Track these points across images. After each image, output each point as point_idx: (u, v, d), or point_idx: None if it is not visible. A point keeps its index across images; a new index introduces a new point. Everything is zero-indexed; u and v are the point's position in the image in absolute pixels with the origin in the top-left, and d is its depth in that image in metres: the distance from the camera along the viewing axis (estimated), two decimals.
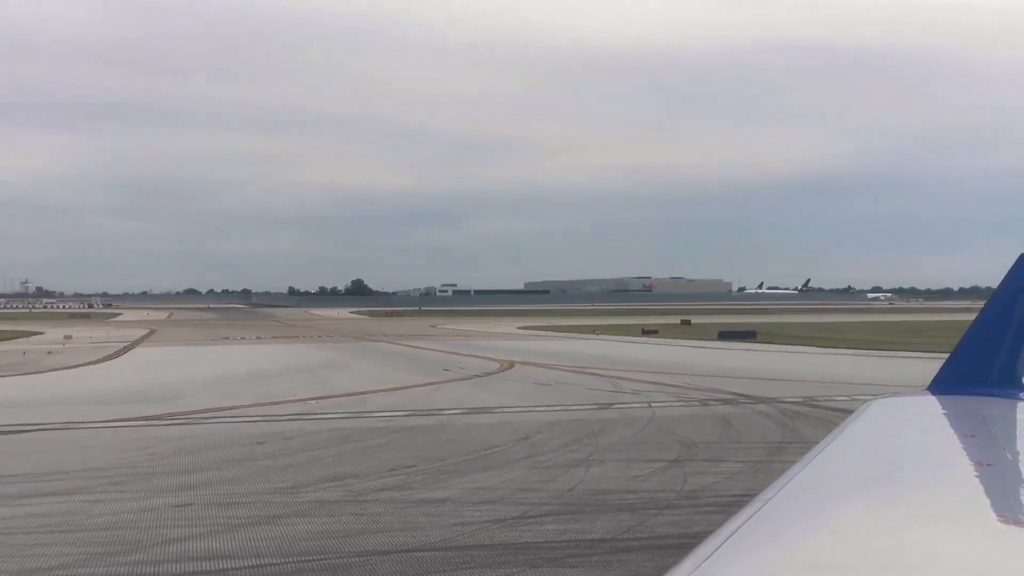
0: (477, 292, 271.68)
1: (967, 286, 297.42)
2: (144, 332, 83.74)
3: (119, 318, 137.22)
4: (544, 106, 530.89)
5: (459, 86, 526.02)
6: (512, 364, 40.22)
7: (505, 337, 72.90)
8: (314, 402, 26.17)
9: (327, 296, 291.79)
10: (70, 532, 11.48)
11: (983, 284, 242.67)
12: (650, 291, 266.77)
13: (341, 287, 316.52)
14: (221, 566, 9.90)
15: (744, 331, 73.69)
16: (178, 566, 9.97)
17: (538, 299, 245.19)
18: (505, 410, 23.96)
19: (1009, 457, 4.19)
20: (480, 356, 46.24)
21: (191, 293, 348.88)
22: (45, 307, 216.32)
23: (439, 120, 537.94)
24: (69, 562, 10.13)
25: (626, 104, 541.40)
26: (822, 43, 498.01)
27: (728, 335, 71.07)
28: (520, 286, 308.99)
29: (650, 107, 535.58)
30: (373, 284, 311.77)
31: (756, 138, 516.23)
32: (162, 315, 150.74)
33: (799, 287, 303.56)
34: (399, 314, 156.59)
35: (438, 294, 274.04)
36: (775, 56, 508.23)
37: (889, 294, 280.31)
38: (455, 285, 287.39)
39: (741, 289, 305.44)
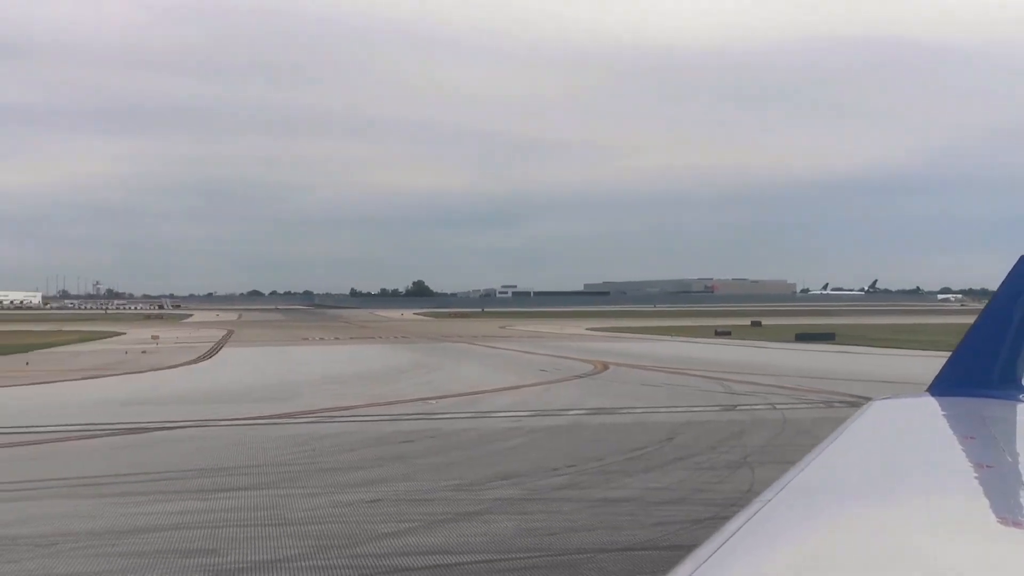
0: (537, 293, 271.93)
1: None
2: (223, 333, 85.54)
3: (191, 319, 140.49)
4: (604, 107, 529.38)
5: (519, 88, 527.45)
6: (605, 365, 40.20)
7: (579, 338, 72.86)
8: (433, 402, 26.52)
9: (388, 297, 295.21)
10: (282, 525, 11.84)
11: None
12: (712, 292, 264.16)
13: (402, 288, 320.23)
14: (453, 560, 10.13)
15: (822, 333, 72.51)
16: (411, 560, 10.24)
17: (598, 300, 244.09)
18: (630, 411, 24.00)
19: (1009, 459, 4.16)
20: (567, 357, 46.31)
21: (254, 295, 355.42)
22: (118, 308, 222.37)
23: (499, 122, 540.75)
24: (300, 554, 10.47)
25: (688, 104, 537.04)
26: (886, 40, 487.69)
27: (805, 337, 70.05)
28: (579, 287, 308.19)
29: (712, 107, 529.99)
30: (433, 285, 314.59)
31: (821, 137, 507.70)
32: (232, 316, 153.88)
33: (865, 288, 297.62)
34: (463, 315, 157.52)
35: (498, 295, 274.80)
36: (837, 53, 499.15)
37: (959, 295, 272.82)
38: (515, 286, 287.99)
39: (805, 290, 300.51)
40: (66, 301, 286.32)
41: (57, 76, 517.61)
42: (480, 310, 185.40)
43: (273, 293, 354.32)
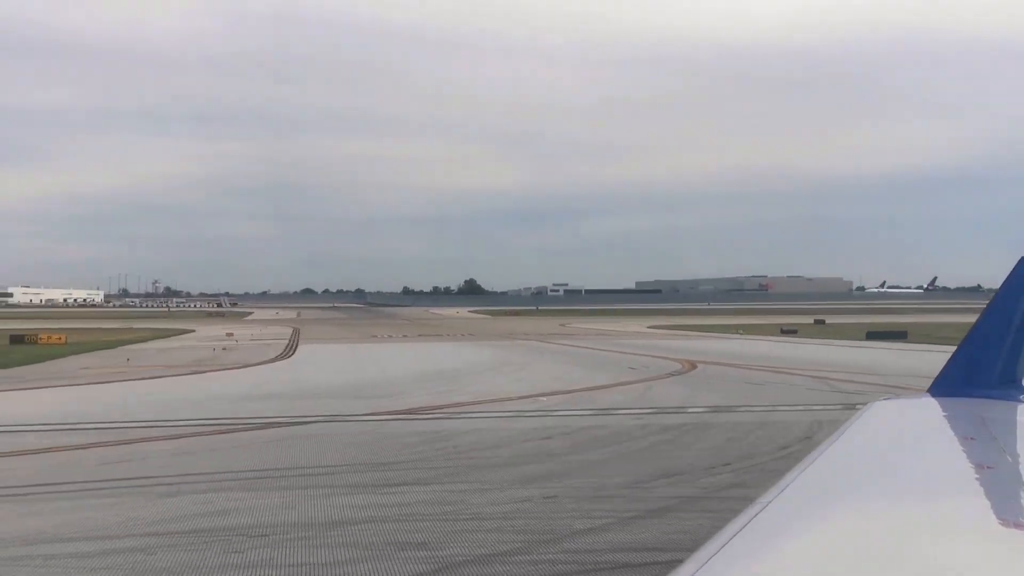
0: (588, 291, 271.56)
1: None
2: (291, 330, 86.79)
3: (252, 317, 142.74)
4: (655, 105, 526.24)
5: (568, 87, 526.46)
6: (692, 364, 40.00)
7: (645, 336, 72.56)
8: (544, 399, 26.67)
9: (440, 295, 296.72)
10: (477, 520, 12.02)
11: None
12: (766, 290, 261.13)
13: (454, 286, 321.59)
14: (668, 558, 10.23)
15: (895, 331, 71.31)
16: (627, 556, 10.36)
17: (650, 299, 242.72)
18: (748, 409, 23.84)
19: (1009, 459, 4.15)
20: (646, 355, 46.21)
21: (308, 293, 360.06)
22: (178, 306, 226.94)
23: (550, 121, 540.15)
24: (513, 549, 10.64)
25: (740, 100, 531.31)
26: (944, 34, 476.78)
27: (877, 335, 68.94)
28: (631, 285, 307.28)
29: (765, 103, 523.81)
30: (484, 283, 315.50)
31: (879, 132, 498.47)
32: (292, 314, 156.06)
33: (925, 286, 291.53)
34: (518, 313, 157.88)
35: (549, 293, 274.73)
36: (894, 49, 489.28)
37: None
38: (566, 284, 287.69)
39: (860, 288, 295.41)
40: (127, 299, 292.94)
41: (120, 79, 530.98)
42: (534, 308, 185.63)
43: (326, 291, 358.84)
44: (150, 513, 12.53)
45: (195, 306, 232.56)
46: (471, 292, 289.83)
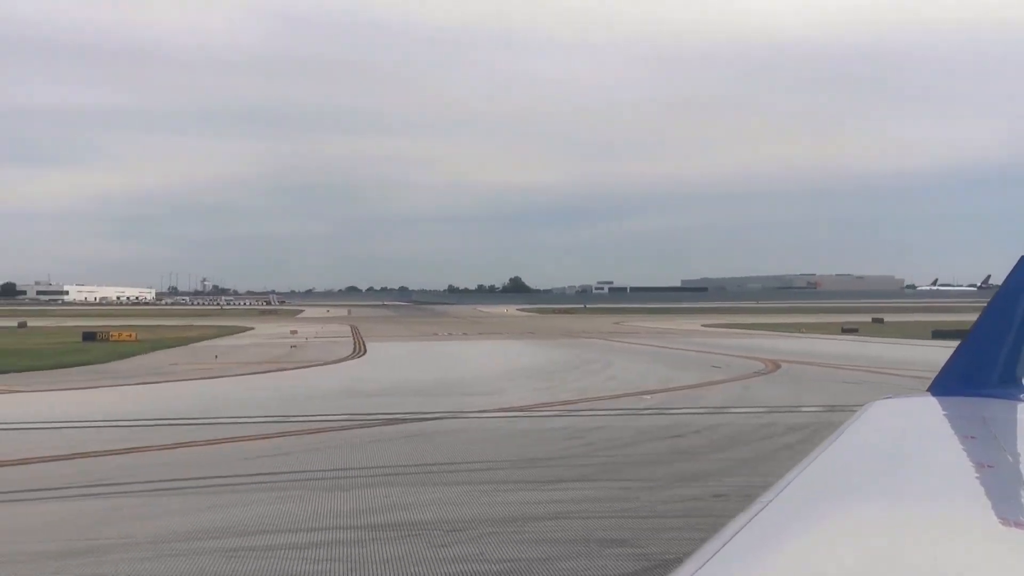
0: (633, 289, 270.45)
1: None
2: (349, 328, 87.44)
3: (304, 315, 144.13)
4: (700, 100, 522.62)
5: (612, 84, 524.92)
6: (775, 363, 39.62)
7: (707, 334, 72.06)
8: (648, 398, 26.66)
9: (485, 293, 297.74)
10: (657, 518, 12.10)
11: None
12: (815, 288, 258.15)
13: (498, 284, 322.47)
14: None
15: (962, 330, 70.04)
16: None
17: (696, 297, 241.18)
18: None
19: (1010, 459, 4.12)
20: (724, 354, 45.84)
21: (352, 291, 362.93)
22: (229, 304, 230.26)
23: (594, 118, 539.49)
24: None
25: (788, 95, 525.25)
26: (996, 27, 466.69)
27: (944, 334, 67.72)
28: (676, 283, 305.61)
29: (813, 97, 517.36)
30: (528, 281, 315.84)
31: (928, 127, 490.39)
32: (342, 312, 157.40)
33: (979, 284, 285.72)
34: (567, 311, 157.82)
35: (594, 291, 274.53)
36: (944, 43, 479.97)
37: None
38: (611, 282, 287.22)
39: (911, 286, 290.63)
40: (177, 297, 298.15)
41: (170, 82, 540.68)
42: (582, 306, 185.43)
43: (370, 289, 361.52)
44: (333, 506, 12.71)
45: (245, 304, 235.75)
46: (516, 290, 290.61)
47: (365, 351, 51.96)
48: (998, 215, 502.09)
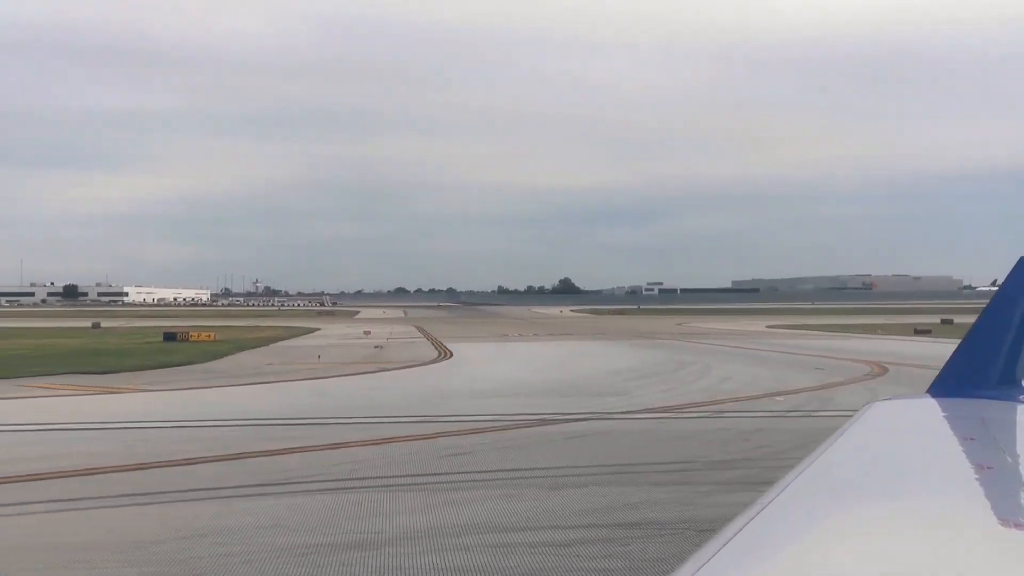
0: (683, 291, 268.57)
1: None
2: (414, 329, 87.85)
3: (360, 315, 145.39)
4: (750, 100, 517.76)
5: (661, 84, 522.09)
6: (881, 366, 38.90)
7: (780, 335, 71.00)
8: (780, 399, 26.36)
9: (535, 294, 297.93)
10: None
11: None
12: (871, 289, 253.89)
13: (548, 285, 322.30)
14: None
15: None
16: None
17: (748, 298, 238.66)
18: None
19: (1009, 460, 4.11)
20: (815, 355, 45.24)
21: (400, 291, 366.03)
22: (285, 305, 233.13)
23: (646, 116, 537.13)
24: None
25: (842, 94, 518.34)
26: None
27: None
28: (726, 284, 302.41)
29: (864, 96, 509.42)
30: (577, 282, 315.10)
31: (986, 126, 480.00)
32: (398, 313, 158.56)
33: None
34: (622, 312, 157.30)
35: (644, 292, 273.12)
36: (998, 39, 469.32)
37: None
38: (661, 283, 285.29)
39: (968, 287, 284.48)
40: (232, 298, 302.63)
41: (222, 84, 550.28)
42: (636, 307, 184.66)
43: (418, 290, 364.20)
44: (567, 504, 12.70)
45: (299, 305, 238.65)
46: (565, 291, 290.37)
47: (451, 353, 51.86)
48: None
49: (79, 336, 77.79)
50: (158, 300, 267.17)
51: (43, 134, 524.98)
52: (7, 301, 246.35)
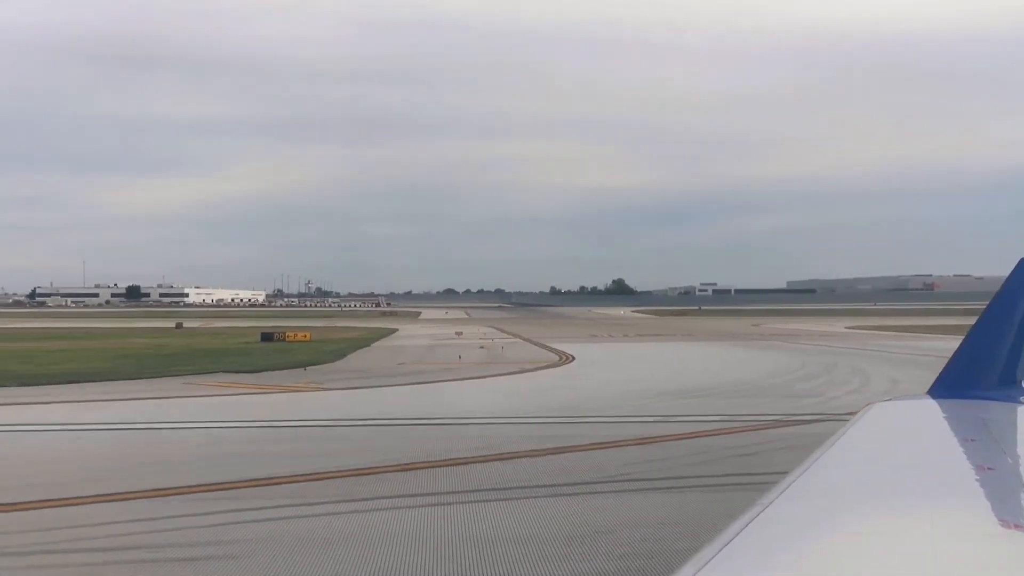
0: (738, 291, 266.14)
1: None
2: (495, 330, 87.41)
3: (423, 316, 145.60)
4: (804, 99, 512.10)
5: (717, 83, 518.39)
6: None
7: (873, 337, 69.42)
8: None
9: (588, 295, 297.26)
10: None
11: None
12: (932, 290, 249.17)
13: (600, 286, 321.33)
14: None
15: None
16: None
17: (805, 298, 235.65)
18: None
19: (1009, 461, 4.09)
20: (944, 356, 44.29)
21: (449, 292, 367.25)
22: (343, 307, 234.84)
23: (698, 118, 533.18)
24: None
25: (899, 92, 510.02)
26: None
27: None
28: (780, 285, 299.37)
29: (922, 95, 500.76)
30: (630, 283, 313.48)
31: None
32: (459, 314, 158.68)
33: None
34: (684, 313, 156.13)
35: (698, 293, 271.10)
36: None
37: None
38: (715, 284, 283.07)
39: None
40: (287, 299, 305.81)
41: (275, 90, 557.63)
42: (697, 308, 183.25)
43: (467, 291, 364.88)
44: None
45: (356, 305, 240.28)
46: (619, 292, 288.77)
47: (569, 354, 49.41)
48: None
49: (171, 336, 78.96)
50: (216, 301, 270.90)
51: (100, 140, 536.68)
52: (72, 302, 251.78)
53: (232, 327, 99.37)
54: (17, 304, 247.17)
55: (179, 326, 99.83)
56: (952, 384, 5.71)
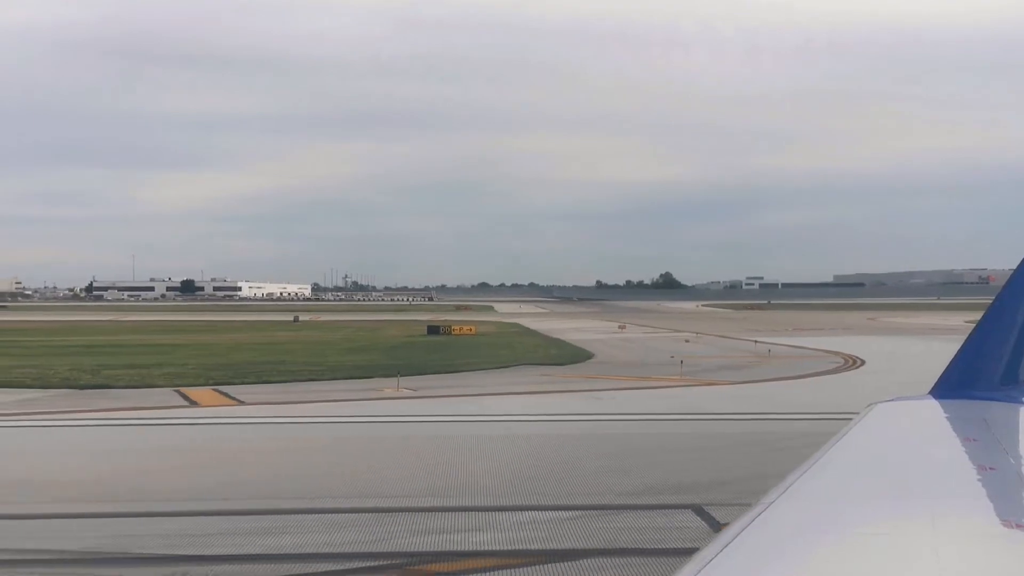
0: (784, 285, 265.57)
1: None
2: (616, 324, 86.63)
3: (504, 310, 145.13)
4: (851, 91, 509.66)
5: (757, 74, 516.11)
6: None
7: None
8: None
9: (634, 288, 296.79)
10: None
11: None
12: (988, 284, 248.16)
13: (647, 280, 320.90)
14: None
15: None
16: None
17: (853, 292, 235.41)
18: None
19: (1011, 461, 4.10)
20: None
21: (483, 286, 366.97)
22: (396, 300, 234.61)
23: (741, 111, 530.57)
24: None
25: (950, 84, 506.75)
26: None
27: None
28: (826, 278, 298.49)
29: (978, 86, 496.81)
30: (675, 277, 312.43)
31: None
32: (532, 308, 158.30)
33: None
34: (758, 307, 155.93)
35: (744, 287, 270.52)
36: None
37: None
38: (761, 278, 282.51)
39: None
40: (337, 292, 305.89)
41: (306, 87, 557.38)
42: (767, 302, 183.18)
43: (501, 285, 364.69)
44: None
45: (410, 299, 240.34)
46: (666, 286, 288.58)
47: (858, 357, 44.54)
48: None
49: (318, 329, 78.86)
50: (267, 295, 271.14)
51: (135, 137, 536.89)
52: (129, 295, 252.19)
53: (336, 320, 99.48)
54: (75, 298, 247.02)
55: (296, 319, 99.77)
56: (954, 384, 5.68)
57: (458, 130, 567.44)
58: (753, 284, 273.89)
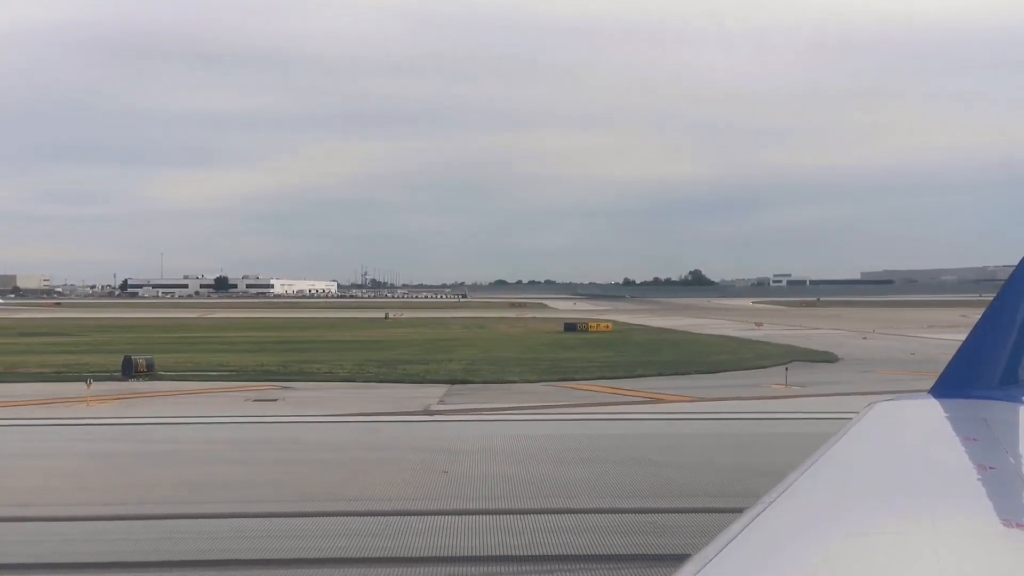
0: (812, 282, 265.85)
1: None
2: (755, 322, 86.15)
3: (560, 307, 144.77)
4: (876, 87, 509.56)
5: (779, 70, 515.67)
6: None
7: None
8: None
9: (662, 286, 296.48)
10: None
11: None
12: None
13: (675, 277, 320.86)
14: None
15: None
16: None
17: (882, 290, 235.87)
18: None
19: (1011, 460, 4.11)
20: None
21: (500, 283, 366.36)
22: (427, 297, 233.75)
23: (758, 108, 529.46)
24: None
25: (979, 80, 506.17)
26: None
27: None
28: (854, 275, 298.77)
29: (1007, 80, 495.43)
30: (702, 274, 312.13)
31: None
32: (586, 305, 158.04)
33: None
34: (811, 304, 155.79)
35: (771, 284, 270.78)
36: None
37: None
38: (789, 275, 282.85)
39: None
40: (356, 289, 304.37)
41: (320, 84, 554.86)
42: (816, 299, 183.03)
43: (518, 282, 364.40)
44: None
45: (443, 296, 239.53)
46: (696, 283, 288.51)
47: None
48: None
49: (423, 327, 77.91)
50: (297, 292, 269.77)
51: (149, 134, 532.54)
52: (163, 292, 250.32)
53: (424, 318, 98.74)
54: (109, 295, 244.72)
55: (387, 317, 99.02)
56: (954, 383, 5.66)
57: (473, 128, 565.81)
58: (780, 281, 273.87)
